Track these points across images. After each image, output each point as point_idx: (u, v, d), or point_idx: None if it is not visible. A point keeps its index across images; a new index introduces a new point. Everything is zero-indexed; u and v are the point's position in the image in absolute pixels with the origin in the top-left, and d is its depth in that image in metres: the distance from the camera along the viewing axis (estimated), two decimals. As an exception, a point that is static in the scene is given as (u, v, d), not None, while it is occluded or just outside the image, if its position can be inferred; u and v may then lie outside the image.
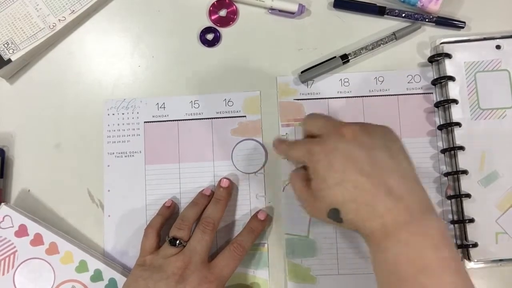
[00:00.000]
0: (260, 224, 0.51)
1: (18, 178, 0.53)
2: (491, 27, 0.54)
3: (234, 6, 0.55)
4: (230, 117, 0.53)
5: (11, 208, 0.50)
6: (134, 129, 0.54)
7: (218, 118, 0.53)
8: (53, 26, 0.53)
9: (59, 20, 0.54)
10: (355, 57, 0.53)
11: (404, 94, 0.53)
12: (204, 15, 0.55)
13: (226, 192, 0.51)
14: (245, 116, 0.53)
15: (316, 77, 0.54)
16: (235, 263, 0.47)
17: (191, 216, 0.49)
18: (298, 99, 0.54)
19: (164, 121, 0.54)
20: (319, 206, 0.41)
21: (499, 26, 0.54)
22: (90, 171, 0.53)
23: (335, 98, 0.54)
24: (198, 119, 0.54)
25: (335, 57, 0.53)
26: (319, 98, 0.54)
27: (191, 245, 0.47)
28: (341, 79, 0.54)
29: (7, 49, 0.53)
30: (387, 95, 0.54)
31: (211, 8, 0.55)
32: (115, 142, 0.53)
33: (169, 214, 0.51)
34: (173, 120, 0.54)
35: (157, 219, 0.50)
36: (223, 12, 0.55)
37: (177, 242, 0.47)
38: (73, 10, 0.54)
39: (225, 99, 0.54)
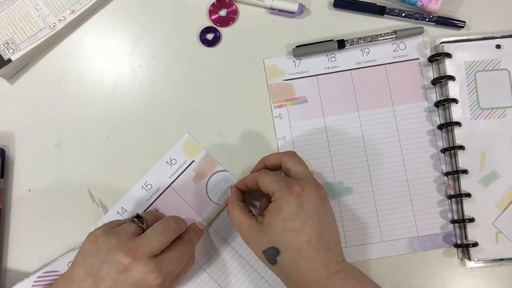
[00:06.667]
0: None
1: (18, 178, 0.53)
2: (491, 27, 0.54)
3: (234, 6, 0.55)
4: (183, 171, 0.52)
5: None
6: None
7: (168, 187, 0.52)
8: (53, 26, 0.53)
9: (59, 20, 0.54)
10: (351, 45, 0.53)
11: (391, 63, 0.54)
12: (204, 15, 0.55)
13: (197, 236, 0.48)
14: (194, 161, 0.53)
15: (309, 55, 0.54)
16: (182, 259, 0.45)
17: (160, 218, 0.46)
18: (287, 79, 0.54)
19: None
20: (261, 238, 0.43)
21: (499, 25, 0.54)
22: (91, 170, 0.53)
23: (324, 74, 0.54)
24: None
25: (332, 40, 0.54)
26: (308, 76, 0.54)
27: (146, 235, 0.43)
28: (327, 55, 0.54)
29: (7, 49, 0.53)
30: (375, 65, 0.54)
31: (211, 8, 0.55)
32: None
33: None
34: None
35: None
36: (223, 12, 0.55)
37: (139, 220, 0.44)
38: (73, 10, 0.54)
39: (167, 161, 0.53)
